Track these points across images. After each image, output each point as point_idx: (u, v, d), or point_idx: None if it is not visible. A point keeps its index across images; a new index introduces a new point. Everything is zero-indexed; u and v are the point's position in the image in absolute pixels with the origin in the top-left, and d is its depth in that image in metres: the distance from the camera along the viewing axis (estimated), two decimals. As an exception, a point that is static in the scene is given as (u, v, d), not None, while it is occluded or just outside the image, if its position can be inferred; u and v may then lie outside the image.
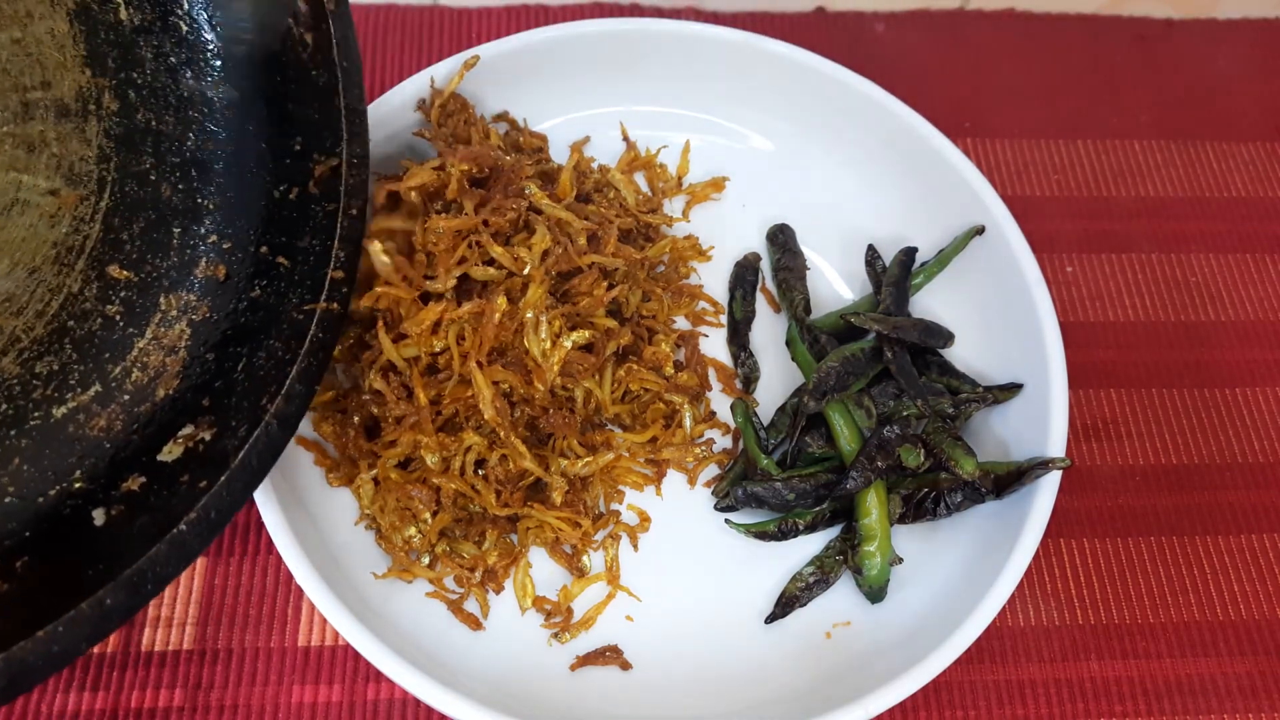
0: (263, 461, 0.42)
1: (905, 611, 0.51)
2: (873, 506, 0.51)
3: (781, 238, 0.61)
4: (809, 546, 0.53)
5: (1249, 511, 0.58)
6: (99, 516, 0.41)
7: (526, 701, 0.47)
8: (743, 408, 0.55)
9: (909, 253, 0.58)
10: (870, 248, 0.60)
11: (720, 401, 0.57)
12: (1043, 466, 0.50)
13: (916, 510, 0.52)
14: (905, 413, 0.53)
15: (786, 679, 0.49)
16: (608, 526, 0.53)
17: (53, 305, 0.44)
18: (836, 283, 0.61)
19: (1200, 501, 0.58)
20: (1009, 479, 0.51)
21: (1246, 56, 0.75)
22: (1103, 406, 0.60)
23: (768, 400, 0.57)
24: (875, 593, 0.51)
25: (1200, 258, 0.66)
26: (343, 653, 0.50)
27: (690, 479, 0.55)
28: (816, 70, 0.60)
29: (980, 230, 0.57)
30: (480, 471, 0.50)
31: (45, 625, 0.35)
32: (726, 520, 0.53)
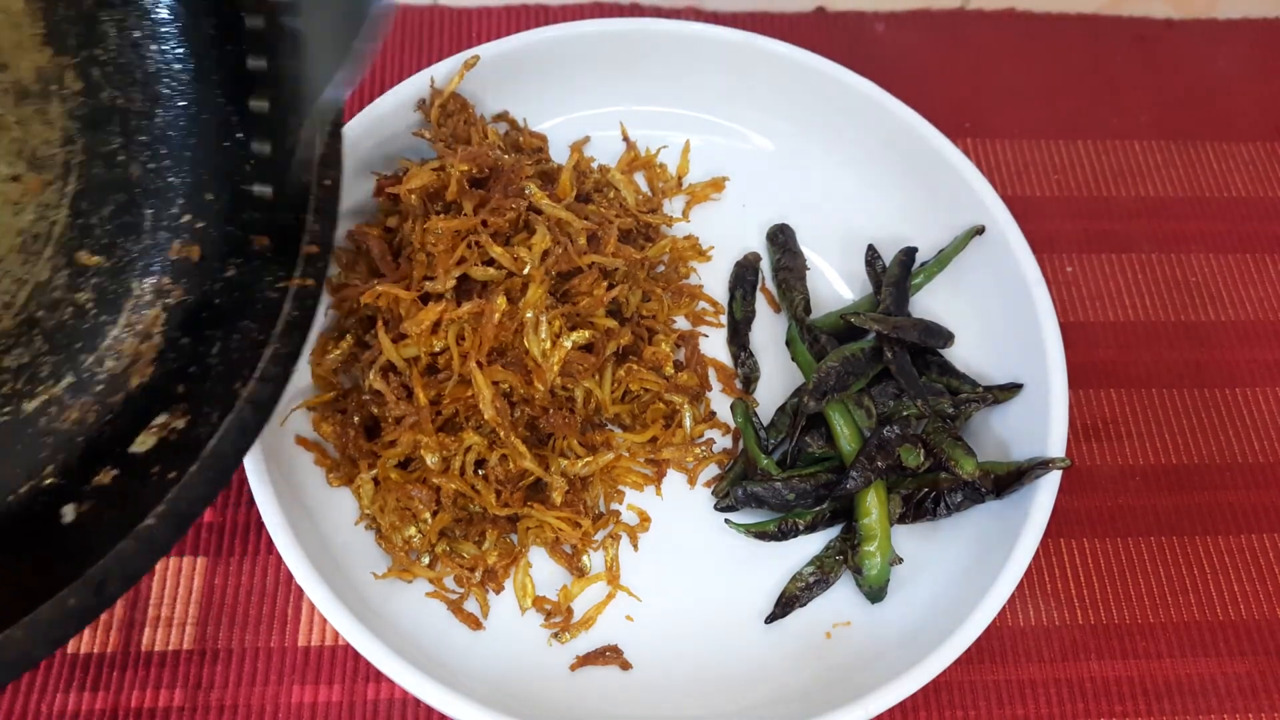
0: (236, 448, 0.40)
1: (905, 611, 0.51)
2: (873, 506, 0.51)
3: (781, 238, 0.61)
4: (809, 546, 0.53)
5: (1249, 511, 0.58)
6: (69, 513, 0.39)
7: (526, 701, 0.47)
8: (743, 408, 0.55)
9: (909, 253, 0.58)
10: (870, 248, 0.60)
11: (720, 401, 0.57)
12: (1043, 466, 0.50)
13: (916, 510, 0.52)
14: (905, 413, 0.53)
15: (786, 679, 0.49)
16: (608, 526, 0.53)
17: (20, 296, 0.42)
18: (836, 283, 0.61)
19: (1200, 501, 0.58)
20: (1009, 479, 0.51)
21: (1246, 56, 0.75)
22: (1103, 406, 0.60)
23: (768, 400, 0.57)
24: (875, 593, 0.51)
25: (1200, 258, 0.66)
26: (343, 653, 0.50)
27: (690, 479, 0.55)
28: (816, 70, 0.60)
29: (980, 230, 0.57)
30: (480, 471, 0.50)
31: (3, 630, 0.33)
32: (726, 520, 0.53)
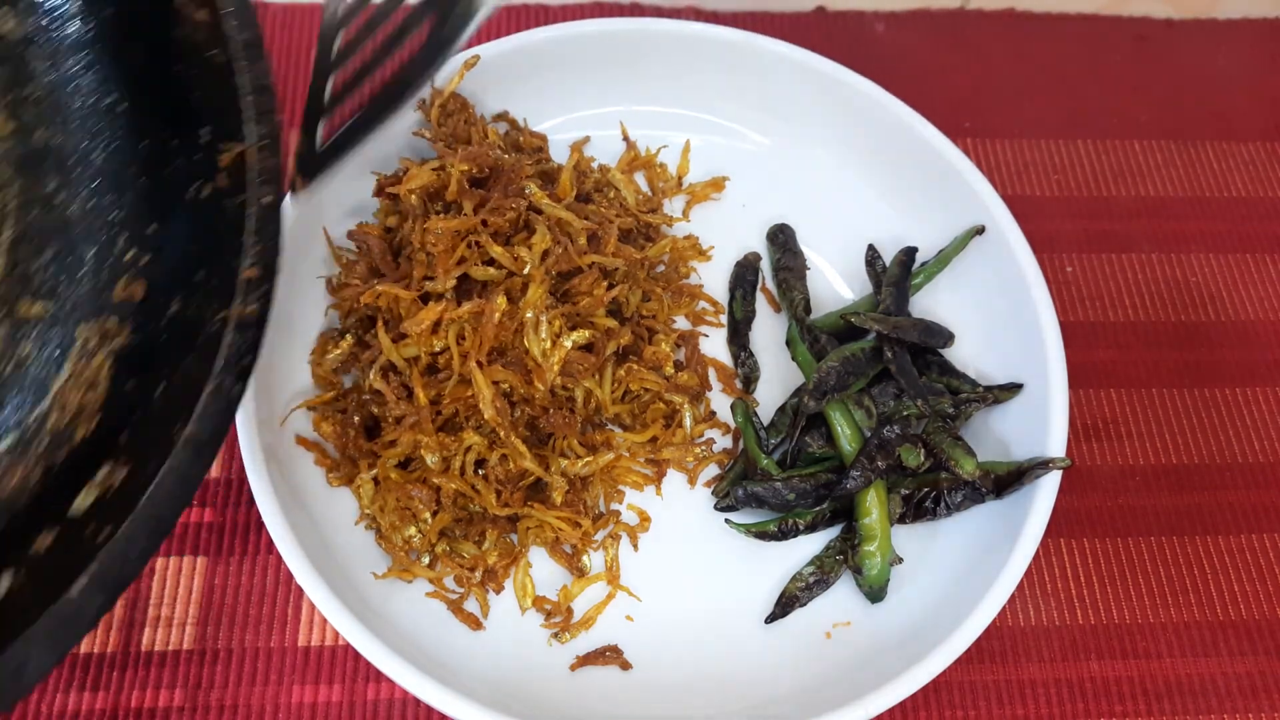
0: (175, 498, 0.35)
1: (905, 611, 0.51)
2: (873, 506, 0.51)
3: (781, 238, 0.61)
4: (809, 546, 0.53)
5: (1249, 511, 0.58)
6: (2, 585, 0.36)
7: (526, 701, 0.47)
8: (743, 408, 0.55)
9: (909, 253, 0.58)
10: (870, 248, 0.60)
11: (720, 401, 0.57)
12: (1043, 466, 0.50)
13: (916, 510, 0.52)
14: (905, 413, 0.53)
15: (786, 679, 0.49)
16: (608, 526, 0.53)
17: None
18: (836, 283, 0.61)
19: (1200, 501, 0.58)
20: (1009, 479, 0.51)
21: (1246, 56, 0.75)
22: (1103, 406, 0.60)
23: (768, 400, 0.57)
24: (875, 593, 0.51)
25: (1200, 258, 0.66)
26: (343, 653, 0.50)
27: (690, 479, 0.55)
28: (816, 70, 0.60)
29: (980, 230, 0.57)
30: (480, 471, 0.50)
31: None
32: (726, 520, 0.53)
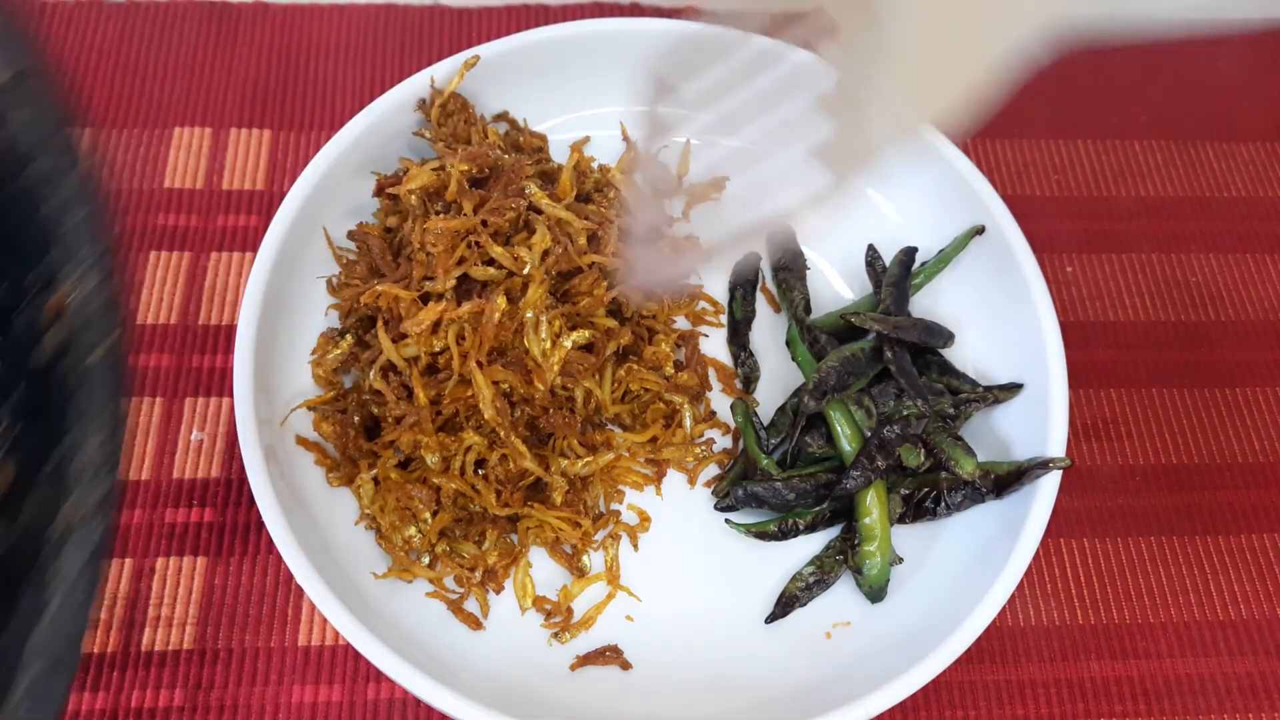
0: None
1: (905, 611, 0.51)
2: (873, 506, 0.51)
3: (781, 238, 0.60)
4: (809, 546, 0.53)
5: (1249, 511, 0.58)
6: None
7: (526, 701, 0.47)
8: (743, 408, 0.55)
9: (909, 253, 0.58)
10: (870, 248, 0.60)
11: (720, 401, 0.57)
12: (1043, 466, 0.50)
13: (916, 510, 0.52)
14: (905, 413, 0.53)
15: (786, 679, 0.49)
16: (608, 526, 0.53)
17: None
18: (836, 283, 0.61)
19: (1200, 501, 0.58)
20: (1009, 479, 0.51)
21: (1246, 56, 0.74)
22: (1103, 406, 0.60)
23: (768, 400, 0.57)
24: (875, 593, 0.51)
25: (1200, 258, 0.66)
26: (343, 653, 0.50)
27: (690, 479, 0.55)
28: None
29: (980, 230, 0.57)
30: (480, 471, 0.50)
31: None
32: (726, 520, 0.53)
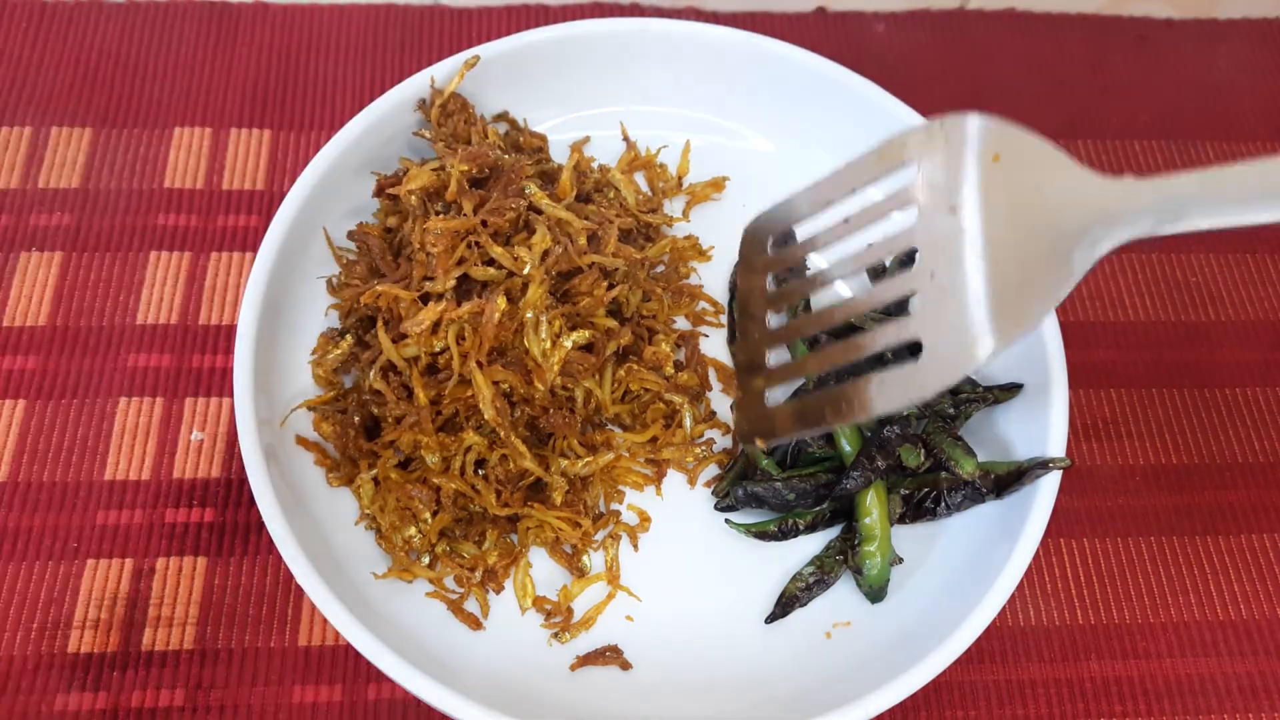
0: None
1: (905, 611, 0.51)
2: (873, 506, 0.51)
3: (781, 238, 0.60)
4: (809, 546, 0.53)
5: (1249, 511, 0.58)
6: None
7: (526, 701, 0.47)
8: (743, 408, 0.55)
9: (909, 253, 0.58)
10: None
11: (720, 401, 0.57)
12: (1043, 466, 0.50)
13: (916, 510, 0.52)
14: (905, 413, 0.53)
15: (786, 679, 0.49)
16: (608, 526, 0.53)
17: None
18: (837, 282, 0.61)
19: (1200, 501, 0.58)
20: (1009, 479, 0.51)
21: (1246, 56, 0.75)
22: (1103, 406, 0.60)
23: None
24: (875, 593, 0.51)
25: (1200, 258, 0.66)
26: (343, 653, 0.50)
27: (690, 479, 0.55)
28: (816, 70, 0.60)
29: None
30: (480, 471, 0.50)
31: None
32: (726, 520, 0.53)
